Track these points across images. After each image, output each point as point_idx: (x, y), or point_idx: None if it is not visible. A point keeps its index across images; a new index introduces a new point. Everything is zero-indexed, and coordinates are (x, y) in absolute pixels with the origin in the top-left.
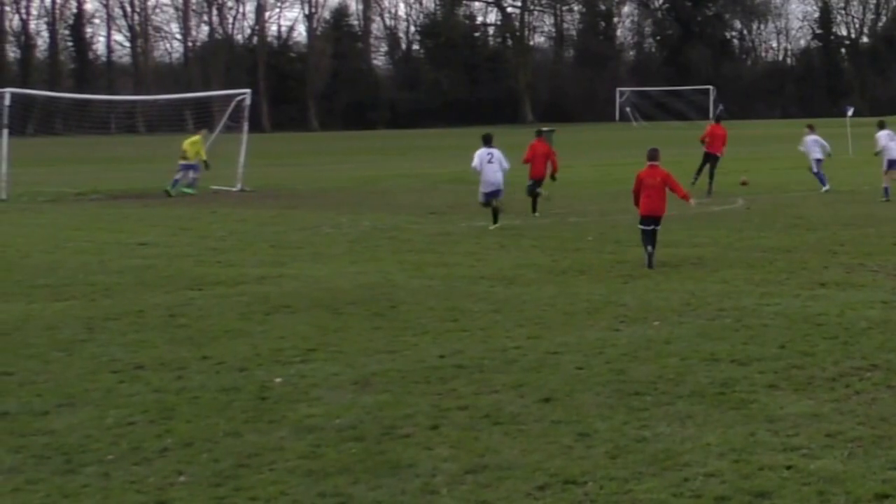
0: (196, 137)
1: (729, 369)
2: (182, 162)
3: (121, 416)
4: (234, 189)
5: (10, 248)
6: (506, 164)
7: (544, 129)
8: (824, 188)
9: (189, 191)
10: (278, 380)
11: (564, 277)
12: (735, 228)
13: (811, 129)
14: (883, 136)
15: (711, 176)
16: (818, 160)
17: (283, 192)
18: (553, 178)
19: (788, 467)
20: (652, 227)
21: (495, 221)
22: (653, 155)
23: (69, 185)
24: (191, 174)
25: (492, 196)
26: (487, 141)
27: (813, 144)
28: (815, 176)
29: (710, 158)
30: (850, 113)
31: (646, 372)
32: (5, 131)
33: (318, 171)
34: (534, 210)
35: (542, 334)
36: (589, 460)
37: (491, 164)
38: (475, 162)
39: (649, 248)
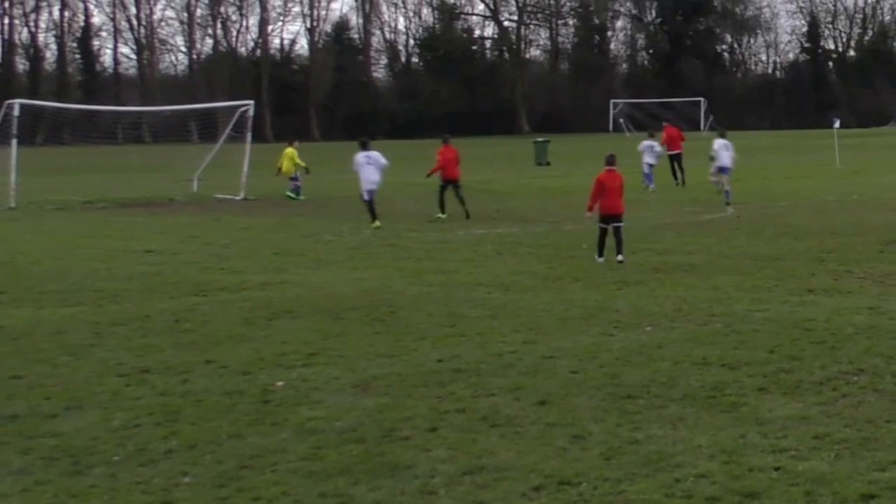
0: (290, 150)
1: (719, 373)
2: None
3: (127, 419)
4: (237, 198)
5: (19, 255)
6: (383, 162)
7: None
8: (651, 187)
9: (297, 197)
10: (280, 383)
11: (560, 284)
12: (726, 237)
13: (651, 136)
14: (719, 144)
15: (681, 170)
16: (651, 164)
17: (285, 200)
18: (429, 176)
19: (777, 468)
20: (614, 225)
21: (374, 219)
22: (611, 160)
23: (77, 194)
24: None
25: (373, 194)
26: (364, 145)
27: (648, 149)
28: (646, 177)
29: (674, 157)
30: (836, 125)
31: (639, 376)
32: (14, 141)
33: (320, 181)
34: (442, 211)
35: (537, 339)
36: (583, 462)
37: (370, 165)
38: (356, 165)
39: (615, 247)
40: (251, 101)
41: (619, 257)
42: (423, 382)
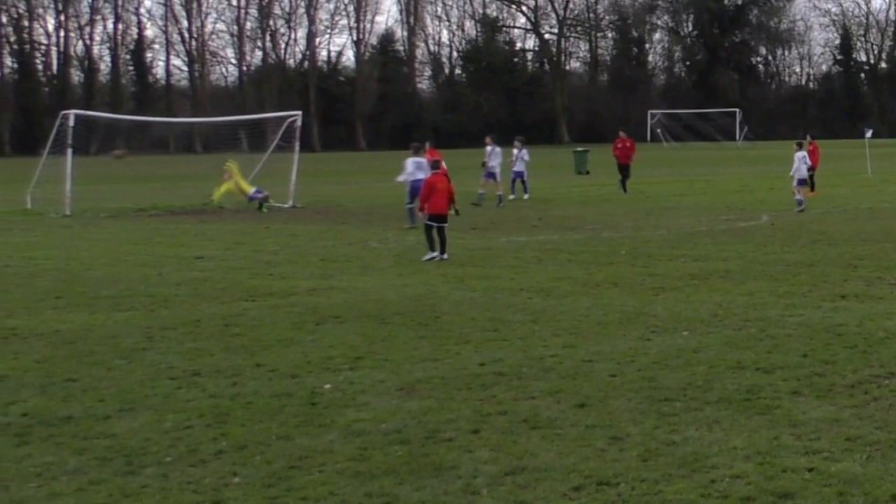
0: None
1: (754, 377)
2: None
3: (178, 421)
4: (286, 206)
5: (73, 261)
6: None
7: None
8: (513, 197)
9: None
10: (328, 386)
11: (598, 290)
12: (760, 243)
13: (521, 143)
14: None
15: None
16: (520, 171)
17: (332, 208)
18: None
19: (810, 469)
20: (442, 225)
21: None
22: (436, 165)
23: (130, 202)
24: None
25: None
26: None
27: (516, 157)
28: (516, 185)
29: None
30: (868, 135)
31: (675, 379)
32: (70, 150)
33: (366, 189)
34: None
35: (577, 343)
36: (621, 463)
37: None
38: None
39: (438, 246)
40: (299, 112)
41: (444, 255)
42: (465, 385)
